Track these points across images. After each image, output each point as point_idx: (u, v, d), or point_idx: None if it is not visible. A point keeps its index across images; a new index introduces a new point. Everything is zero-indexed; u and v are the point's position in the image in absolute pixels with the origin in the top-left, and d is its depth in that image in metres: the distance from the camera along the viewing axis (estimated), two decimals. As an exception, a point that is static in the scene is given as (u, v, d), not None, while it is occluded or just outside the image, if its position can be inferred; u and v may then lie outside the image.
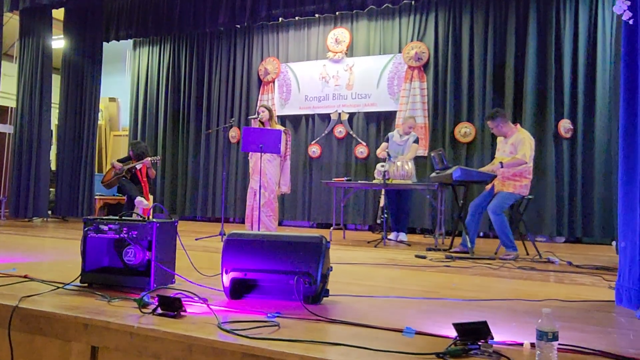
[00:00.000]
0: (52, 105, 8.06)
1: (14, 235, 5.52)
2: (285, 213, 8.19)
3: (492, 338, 1.65)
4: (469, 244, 4.58)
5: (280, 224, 8.17)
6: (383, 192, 5.68)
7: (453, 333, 1.67)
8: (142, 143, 7.30)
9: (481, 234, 6.98)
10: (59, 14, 8.31)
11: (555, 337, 1.43)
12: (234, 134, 8.64)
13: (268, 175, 5.47)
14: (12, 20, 8.35)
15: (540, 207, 6.55)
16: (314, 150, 8.07)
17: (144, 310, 1.98)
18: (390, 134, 6.24)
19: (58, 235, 5.61)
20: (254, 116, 5.74)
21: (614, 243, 5.66)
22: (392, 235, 5.95)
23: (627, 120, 2.48)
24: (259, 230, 5.23)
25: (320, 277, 2.17)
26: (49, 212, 8.13)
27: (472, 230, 4.69)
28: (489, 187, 4.84)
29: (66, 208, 8.06)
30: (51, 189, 8.28)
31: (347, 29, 7.96)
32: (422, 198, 6.89)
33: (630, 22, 2.35)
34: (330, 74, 8.02)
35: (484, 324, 1.64)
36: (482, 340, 1.63)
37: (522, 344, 1.69)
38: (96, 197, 8.25)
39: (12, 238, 5.17)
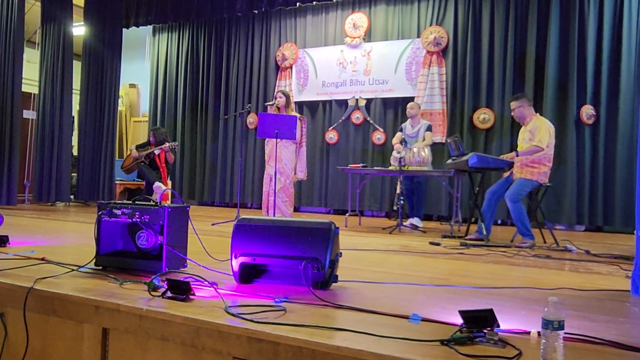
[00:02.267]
0: (74, 91, 8.18)
1: (37, 219, 5.65)
2: (302, 199, 8.22)
3: (499, 326, 1.64)
4: (484, 231, 4.54)
5: (297, 210, 8.22)
6: (400, 178, 5.67)
7: (460, 320, 1.66)
8: (162, 129, 7.40)
9: (499, 221, 6.90)
10: (79, 0, 8.39)
11: (561, 327, 1.41)
12: (251, 120, 8.66)
13: (284, 160, 5.47)
14: (35, 8, 8.46)
15: (560, 195, 6.45)
16: (331, 136, 8.05)
17: (153, 293, 2.02)
18: (403, 124, 6.23)
19: (79, 219, 5.73)
20: (270, 102, 5.73)
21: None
22: (407, 221, 5.93)
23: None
24: (274, 215, 5.26)
25: (329, 263, 2.18)
26: (71, 196, 8.30)
27: (488, 217, 4.64)
28: (506, 174, 4.78)
29: (88, 193, 8.21)
30: (73, 174, 8.44)
31: (365, 13, 7.87)
32: (439, 185, 6.84)
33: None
34: (348, 60, 7.95)
35: (490, 311, 1.62)
36: (488, 328, 1.62)
37: (529, 333, 1.67)
38: (117, 182, 8.38)
39: (34, 221, 5.29)
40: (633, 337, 1.69)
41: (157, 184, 6.47)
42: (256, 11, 8.21)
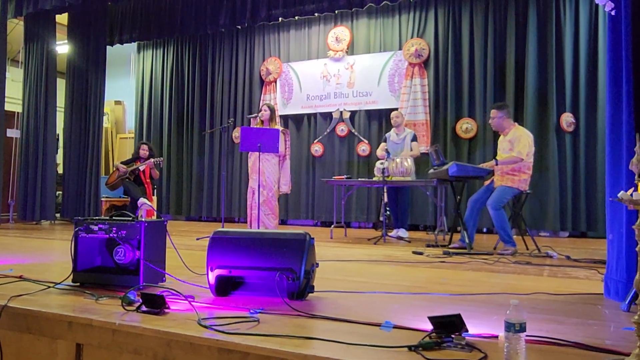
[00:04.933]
0: (58, 109, 8.16)
1: (20, 237, 5.61)
2: (290, 212, 8.23)
3: (467, 330, 1.66)
4: (467, 240, 4.57)
5: (284, 222, 8.23)
6: (385, 189, 5.70)
7: (431, 326, 1.68)
8: (151, 144, 7.52)
9: (484, 229, 6.95)
10: (62, 19, 8.41)
11: (522, 329, 1.44)
12: (237, 134, 8.67)
13: (266, 174, 5.49)
14: (19, 27, 8.47)
15: (543, 202, 6.52)
16: (317, 148, 8.09)
17: (128, 308, 2.02)
18: (387, 134, 6.30)
19: (63, 237, 5.69)
20: (253, 115, 5.74)
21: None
22: (393, 232, 5.96)
23: (612, 114, 2.48)
24: (257, 229, 5.26)
25: (304, 274, 2.19)
26: (57, 214, 8.24)
27: (470, 225, 4.68)
28: (487, 182, 4.84)
29: (73, 210, 8.15)
30: (58, 192, 8.39)
31: (347, 27, 7.97)
32: (425, 195, 6.88)
33: (613, 13, 2.34)
34: (332, 73, 8.03)
35: (458, 316, 1.65)
36: (456, 333, 1.64)
37: (497, 336, 1.69)
38: (103, 199, 8.34)
39: (17, 240, 5.26)
40: (599, 338, 1.72)
41: (141, 200, 6.42)
42: (239, 26, 8.27)
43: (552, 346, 1.62)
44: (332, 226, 6.15)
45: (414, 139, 6.05)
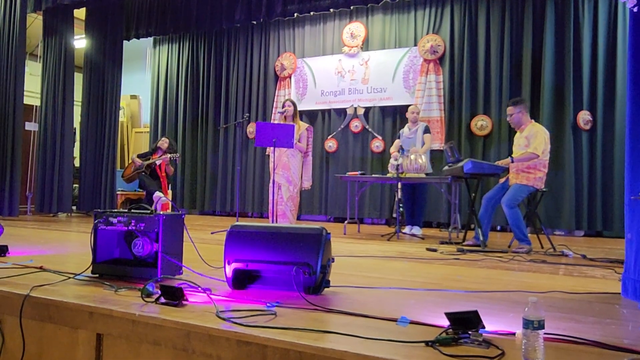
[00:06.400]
0: (75, 103, 8.26)
1: (38, 229, 5.70)
2: (303, 207, 8.25)
3: (484, 327, 1.67)
4: (481, 237, 4.56)
5: (298, 218, 8.25)
6: (399, 185, 5.69)
7: (447, 322, 1.69)
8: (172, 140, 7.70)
9: (498, 227, 6.92)
10: (80, 13, 8.50)
11: (541, 326, 1.44)
12: (251, 129, 8.72)
13: (292, 169, 5.54)
14: (37, 21, 8.57)
15: (559, 201, 6.46)
16: (331, 144, 8.09)
17: (147, 299, 2.05)
18: (400, 130, 6.28)
19: (80, 230, 5.77)
20: (281, 110, 5.77)
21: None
22: (406, 229, 5.95)
23: (633, 111, 2.45)
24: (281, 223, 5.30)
25: (320, 268, 2.21)
26: (73, 207, 8.35)
27: (485, 223, 4.66)
28: (502, 179, 4.81)
29: (89, 203, 8.26)
30: (75, 185, 8.50)
31: (363, 23, 7.95)
32: (438, 192, 6.86)
33: (635, 9, 2.31)
34: (346, 69, 8.02)
35: (475, 313, 1.65)
36: (473, 329, 1.64)
37: (514, 334, 1.69)
38: (118, 192, 8.44)
39: (35, 232, 5.34)
40: (617, 337, 1.71)
41: (157, 193, 6.53)
42: (255, 22, 8.30)
43: (569, 344, 1.61)
44: (346, 222, 6.16)
45: (427, 130, 6.02)
